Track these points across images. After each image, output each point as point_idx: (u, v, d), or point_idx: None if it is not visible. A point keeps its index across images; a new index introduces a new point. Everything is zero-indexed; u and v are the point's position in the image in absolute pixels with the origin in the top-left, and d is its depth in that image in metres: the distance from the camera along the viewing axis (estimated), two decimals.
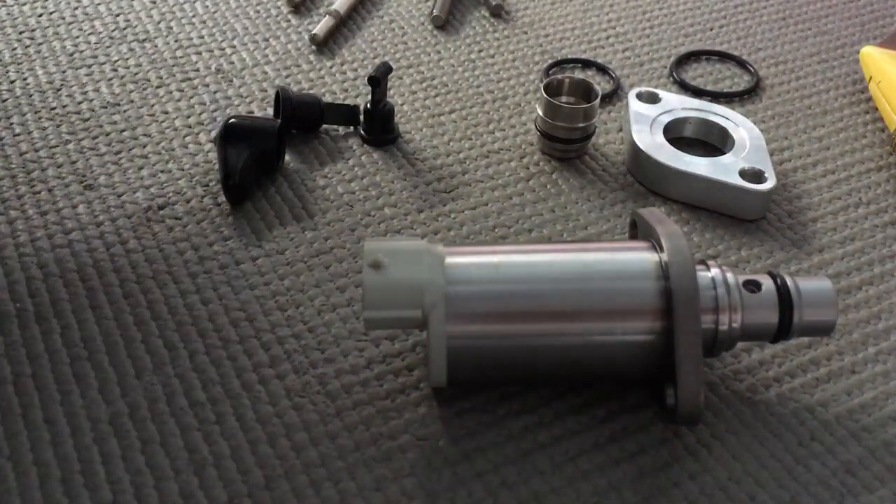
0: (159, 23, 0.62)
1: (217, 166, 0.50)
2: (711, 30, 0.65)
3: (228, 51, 0.60)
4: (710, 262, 0.38)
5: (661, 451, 0.38)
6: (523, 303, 0.36)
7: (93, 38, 0.60)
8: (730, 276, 0.37)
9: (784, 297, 0.37)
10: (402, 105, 0.56)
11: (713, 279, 0.37)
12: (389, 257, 0.36)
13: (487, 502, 0.35)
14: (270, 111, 0.55)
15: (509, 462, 0.37)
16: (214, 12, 0.63)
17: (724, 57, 0.62)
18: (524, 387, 0.40)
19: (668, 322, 0.36)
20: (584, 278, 0.36)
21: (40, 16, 0.62)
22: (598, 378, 0.39)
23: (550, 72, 0.60)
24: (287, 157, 0.52)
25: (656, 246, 0.37)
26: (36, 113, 0.54)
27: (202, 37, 0.61)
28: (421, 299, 0.35)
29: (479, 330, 0.36)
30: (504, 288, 0.36)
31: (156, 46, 0.60)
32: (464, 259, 0.37)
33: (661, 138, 0.52)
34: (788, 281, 0.38)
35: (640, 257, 0.37)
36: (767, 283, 0.38)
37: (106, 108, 0.54)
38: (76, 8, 0.63)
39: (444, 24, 0.64)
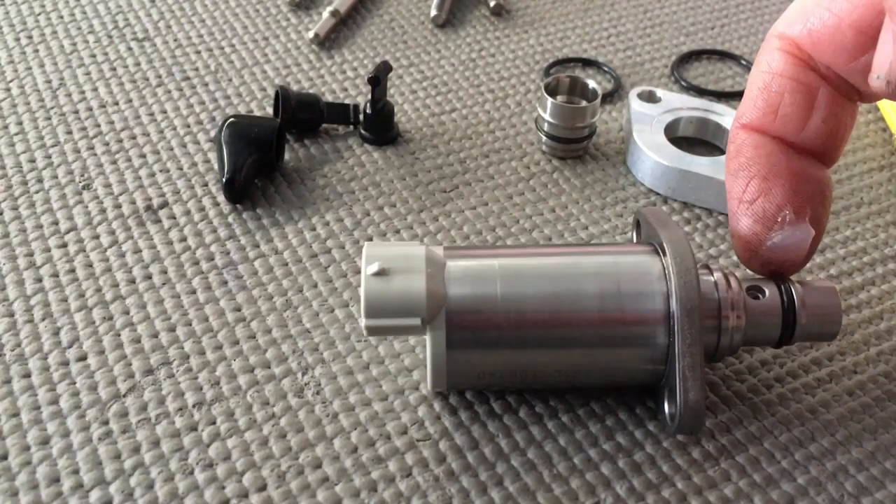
0: (158, 22, 0.62)
1: (216, 166, 0.50)
2: (713, 29, 0.65)
3: (228, 50, 0.60)
4: (714, 266, 0.38)
5: (657, 448, 0.38)
6: (524, 308, 0.36)
7: (91, 38, 0.60)
8: (733, 281, 0.37)
9: (788, 304, 0.37)
10: (402, 105, 0.56)
11: (716, 283, 0.37)
12: (389, 264, 0.35)
13: (485, 501, 0.35)
14: (270, 111, 0.54)
15: (507, 460, 0.37)
16: (213, 11, 0.63)
17: (725, 56, 0.62)
18: (523, 389, 0.40)
19: (670, 330, 0.35)
20: (585, 283, 0.36)
21: (38, 15, 0.62)
22: (598, 383, 0.39)
23: (551, 71, 0.60)
24: (287, 157, 0.51)
25: (659, 249, 0.37)
26: (33, 112, 0.54)
27: (201, 36, 0.61)
28: (422, 307, 0.35)
29: (480, 336, 0.36)
30: (504, 292, 0.36)
31: (154, 46, 0.60)
32: (465, 262, 0.37)
33: (661, 138, 0.52)
34: (793, 287, 0.37)
35: (642, 261, 0.37)
36: (771, 289, 0.37)
37: (104, 107, 0.54)
38: (74, 7, 0.63)
39: (444, 23, 0.63)
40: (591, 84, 0.52)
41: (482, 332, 0.36)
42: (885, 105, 0.56)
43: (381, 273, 0.35)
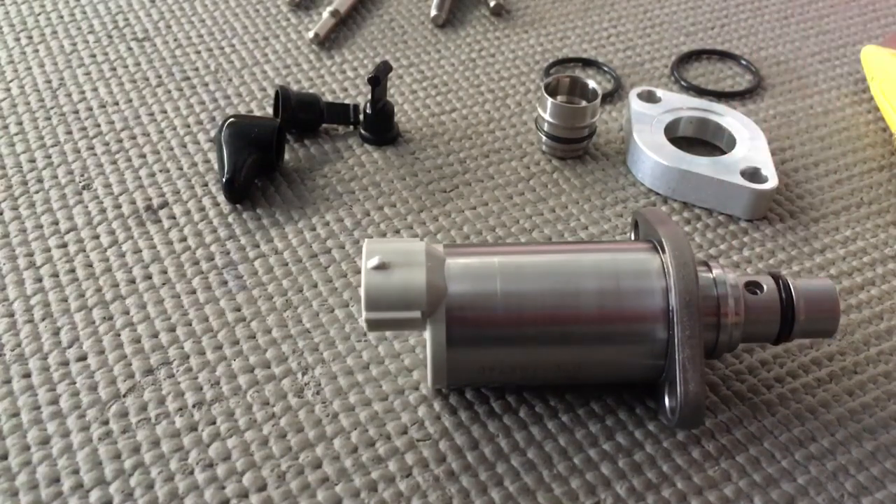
0: (158, 22, 0.62)
1: (216, 166, 0.50)
2: (713, 29, 0.65)
3: (228, 50, 0.60)
4: (712, 263, 0.38)
5: (657, 448, 0.38)
6: (523, 304, 0.36)
7: (91, 38, 0.60)
8: (731, 277, 0.37)
9: (786, 299, 0.37)
10: (402, 105, 0.56)
11: (714, 280, 0.37)
12: (390, 258, 0.35)
13: (485, 501, 0.35)
14: (270, 111, 0.54)
15: (507, 460, 0.37)
16: (213, 11, 0.63)
17: (725, 56, 0.62)
18: (523, 385, 0.40)
19: (670, 324, 0.35)
20: (585, 279, 0.36)
21: (38, 15, 0.62)
22: (598, 379, 0.39)
23: (551, 71, 0.60)
24: (287, 157, 0.51)
25: (658, 247, 0.37)
26: (33, 112, 0.54)
27: (201, 36, 0.61)
28: (421, 301, 0.35)
29: (480, 332, 0.36)
30: (504, 289, 0.36)
31: (154, 46, 0.60)
32: (464, 259, 0.37)
33: (661, 138, 0.51)
34: (790, 283, 0.37)
35: (641, 258, 0.37)
36: (769, 284, 0.37)
37: (104, 107, 0.54)
38: (74, 7, 0.63)
39: (444, 23, 0.63)
40: (591, 84, 0.52)
41: (482, 328, 0.36)
42: (885, 105, 0.56)
43: (381, 267, 0.35)
